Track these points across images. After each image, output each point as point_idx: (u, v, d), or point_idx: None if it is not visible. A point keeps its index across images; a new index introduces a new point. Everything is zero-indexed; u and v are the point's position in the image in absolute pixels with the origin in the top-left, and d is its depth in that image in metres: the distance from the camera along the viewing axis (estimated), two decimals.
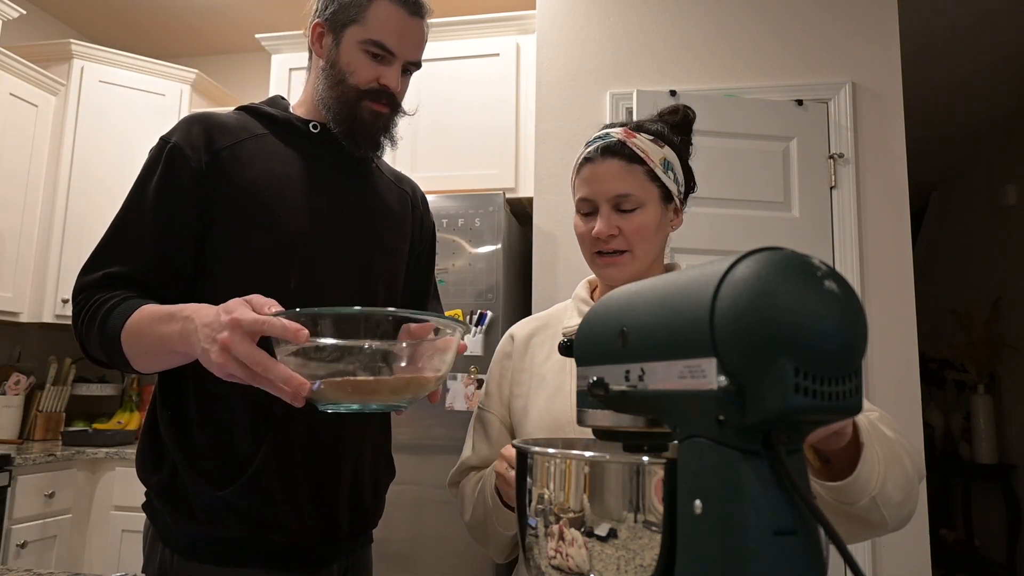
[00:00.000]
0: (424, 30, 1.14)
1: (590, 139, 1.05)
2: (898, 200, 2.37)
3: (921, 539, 2.18)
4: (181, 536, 1.03)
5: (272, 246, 1.05)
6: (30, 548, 2.40)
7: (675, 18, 2.59)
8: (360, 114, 1.11)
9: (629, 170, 0.99)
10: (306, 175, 1.11)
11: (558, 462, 0.53)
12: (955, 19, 3.12)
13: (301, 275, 1.05)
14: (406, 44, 1.11)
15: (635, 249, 1.00)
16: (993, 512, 4.23)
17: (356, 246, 1.13)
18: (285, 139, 1.12)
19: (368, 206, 1.17)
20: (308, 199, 1.09)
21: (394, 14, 1.09)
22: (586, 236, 1.02)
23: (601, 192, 0.99)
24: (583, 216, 1.03)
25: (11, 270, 2.82)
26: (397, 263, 1.20)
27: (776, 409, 0.41)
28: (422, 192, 1.35)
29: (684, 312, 0.46)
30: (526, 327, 1.14)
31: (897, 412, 2.25)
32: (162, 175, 1.04)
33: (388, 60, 1.10)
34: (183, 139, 1.05)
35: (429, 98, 2.77)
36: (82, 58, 3.03)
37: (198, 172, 1.04)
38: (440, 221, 2.45)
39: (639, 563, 0.47)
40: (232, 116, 1.12)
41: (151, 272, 1.01)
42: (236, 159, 1.06)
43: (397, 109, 1.15)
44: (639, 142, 1.00)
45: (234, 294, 0.90)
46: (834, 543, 0.41)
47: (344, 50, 1.10)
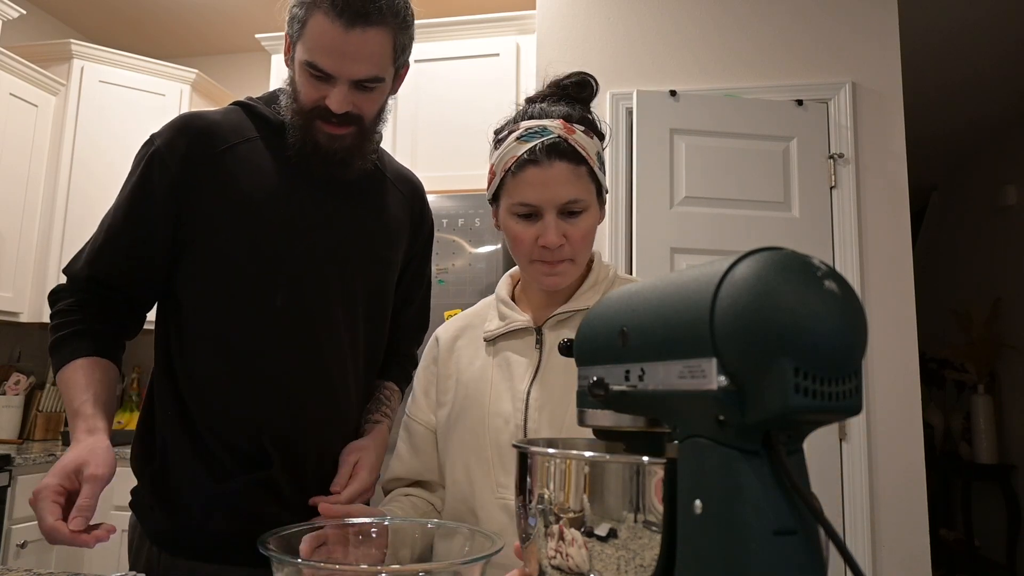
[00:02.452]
0: (375, 39, 0.98)
1: (519, 131, 0.94)
2: (898, 200, 2.37)
3: (921, 539, 2.18)
4: (169, 532, 1.02)
5: (258, 262, 1.03)
6: (30, 548, 2.40)
7: (675, 18, 2.59)
8: (315, 137, 1.03)
9: (577, 173, 0.91)
10: (295, 186, 1.06)
11: (558, 462, 0.53)
12: (955, 19, 3.11)
13: (288, 292, 1.03)
14: (345, 63, 0.98)
15: (578, 257, 0.95)
16: (993, 512, 4.23)
17: (345, 260, 1.09)
18: (277, 144, 1.06)
19: (361, 216, 1.12)
20: (296, 212, 1.05)
21: (328, 30, 0.96)
22: (528, 242, 0.93)
23: (549, 199, 0.90)
24: (521, 219, 0.93)
25: (11, 270, 2.82)
26: (388, 271, 1.16)
27: (776, 409, 0.41)
28: (422, 188, 1.29)
29: (684, 312, 0.46)
30: (451, 329, 1.07)
31: (897, 412, 2.25)
32: (139, 180, 1.04)
33: (330, 80, 0.99)
34: (165, 145, 1.03)
35: (429, 98, 2.77)
36: (82, 58, 3.03)
37: (176, 181, 1.02)
38: (440, 221, 2.45)
39: (639, 563, 0.47)
40: (226, 116, 1.08)
41: (119, 276, 1.05)
42: (222, 167, 1.03)
43: (363, 128, 1.05)
44: (579, 139, 0.92)
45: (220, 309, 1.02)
46: (834, 543, 0.41)
47: (295, 68, 1.03)
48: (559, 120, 0.93)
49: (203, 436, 1.02)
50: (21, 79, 2.83)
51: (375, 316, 1.14)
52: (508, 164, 0.93)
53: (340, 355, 1.07)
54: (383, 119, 1.11)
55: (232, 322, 1.02)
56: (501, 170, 0.95)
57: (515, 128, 0.95)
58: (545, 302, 1.01)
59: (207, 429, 1.02)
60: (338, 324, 1.08)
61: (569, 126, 0.93)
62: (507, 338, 1.00)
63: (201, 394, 1.03)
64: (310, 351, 1.05)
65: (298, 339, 1.04)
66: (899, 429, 2.24)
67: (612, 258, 2.47)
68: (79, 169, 2.97)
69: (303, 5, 0.99)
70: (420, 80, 2.80)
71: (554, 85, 1.00)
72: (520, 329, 1.00)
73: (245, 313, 1.02)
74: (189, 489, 1.01)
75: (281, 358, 1.03)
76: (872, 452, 2.24)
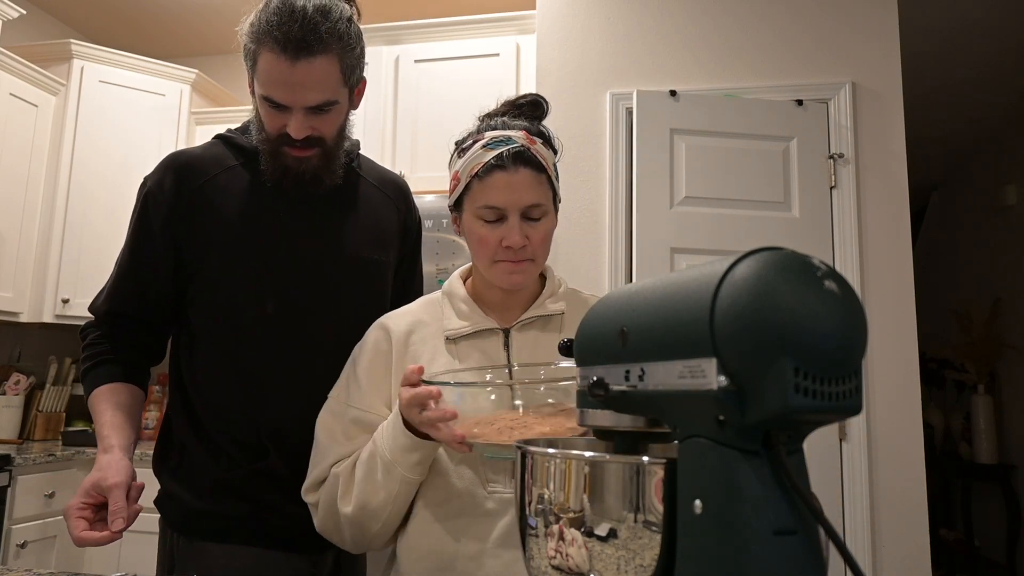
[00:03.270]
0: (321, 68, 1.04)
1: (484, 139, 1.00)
2: (898, 200, 2.37)
3: (921, 539, 2.18)
4: (185, 515, 1.13)
5: (247, 275, 1.13)
6: (30, 548, 2.40)
7: (675, 18, 2.59)
8: (284, 161, 1.11)
9: (539, 179, 0.99)
10: (275, 203, 1.15)
11: (558, 462, 0.53)
12: (955, 19, 3.11)
13: (277, 299, 1.13)
14: (296, 93, 1.04)
15: (538, 258, 1.01)
16: (993, 512, 4.23)
17: (332, 267, 1.17)
18: (254, 169, 1.15)
19: (345, 223, 1.20)
20: (279, 226, 1.15)
21: (275, 65, 1.03)
22: (492, 243, 0.98)
23: (514, 202, 0.97)
24: (487, 223, 0.98)
25: (11, 270, 2.82)
26: (379, 273, 1.23)
27: (776, 409, 0.41)
28: (407, 189, 1.35)
29: (684, 312, 0.46)
30: (400, 323, 1.06)
31: (897, 412, 2.25)
32: (138, 221, 1.16)
33: (287, 109, 1.06)
34: (155, 184, 1.15)
35: (429, 98, 2.77)
36: (82, 58, 3.02)
37: (170, 215, 1.13)
38: (440, 221, 2.45)
39: (639, 563, 0.47)
40: (207, 149, 1.19)
41: (135, 308, 1.17)
42: (207, 196, 1.14)
43: (325, 148, 1.12)
44: (540, 149, 1.00)
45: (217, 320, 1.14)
46: (834, 543, 0.41)
47: (256, 100, 1.11)
48: (522, 131, 1.01)
49: (210, 434, 1.14)
50: (21, 79, 2.83)
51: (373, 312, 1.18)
52: (475, 169, 0.99)
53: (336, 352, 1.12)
54: (347, 135, 1.19)
55: (229, 331, 1.14)
56: (467, 176, 1.00)
57: (479, 138, 1.02)
58: (504, 305, 1.06)
59: (213, 428, 1.13)
60: (331, 325, 1.16)
61: (531, 137, 1.00)
62: (472, 338, 1.03)
63: (205, 398, 1.14)
64: (301, 352, 1.14)
65: (289, 342, 1.14)
66: (899, 429, 2.24)
67: (612, 258, 2.47)
68: (79, 169, 2.97)
69: (252, 40, 1.06)
70: (420, 80, 2.80)
71: (510, 104, 1.07)
72: (486, 330, 1.03)
73: (239, 322, 1.13)
74: (201, 477, 1.13)
75: (273, 360, 1.13)
76: (872, 452, 2.24)
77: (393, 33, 2.85)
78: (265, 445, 1.11)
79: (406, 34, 2.84)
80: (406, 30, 2.84)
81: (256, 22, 1.05)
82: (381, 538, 0.98)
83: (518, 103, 1.07)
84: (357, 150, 1.27)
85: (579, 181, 2.52)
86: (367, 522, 0.95)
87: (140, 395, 1.18)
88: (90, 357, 1.17)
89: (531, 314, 1.04)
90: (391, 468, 0.92)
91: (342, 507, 0.96)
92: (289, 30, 1.01)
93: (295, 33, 1.01)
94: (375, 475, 0.93)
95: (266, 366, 1.13)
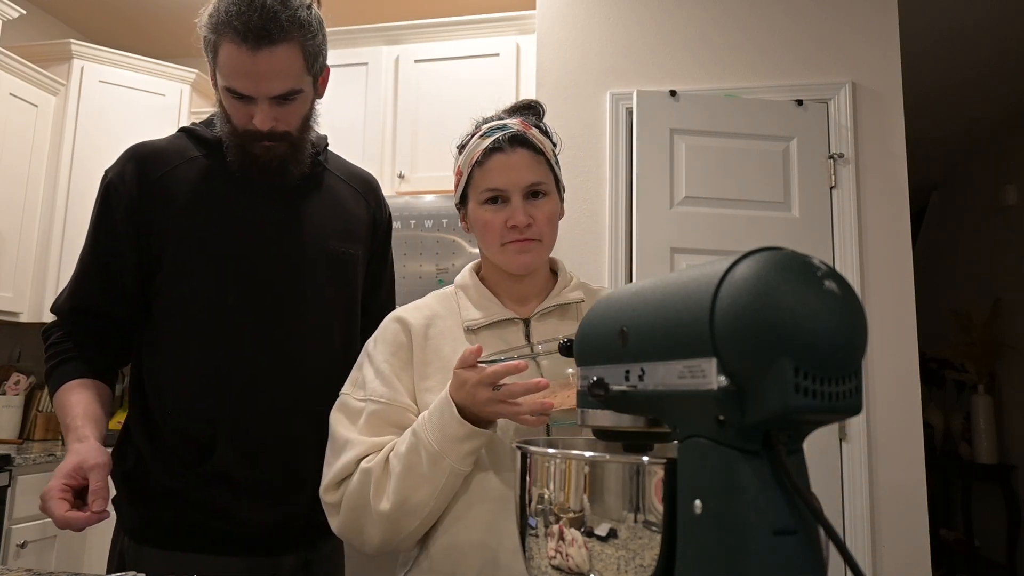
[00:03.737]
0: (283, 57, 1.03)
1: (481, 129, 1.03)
2: (898, 200, 2.37)
3: (921, 539, 2.18)
4: (135, 520, 1.11)
5: (208, 266, 1.10)
6: (30, 548, 2.40)
7: (675, 18, 2.59)
8: (252, 151, 1.10)
9: (537, 159, 1.00)
10: (238, 195, 1.13)
11: (558, 462, 0.53)
12: (955, 19, 3.11)
13: (238, 291, 1.11)
14: (259, 83, 1.03)
15: (544, 237, 1.01)
16: (993, 512, 4.23)
17: (298, 259, 1.15)
18: (218, 160, 1.13)
19: (311, 216, 1.17)
20: (240, 218, 1.13)
21: (236, 56, 1.02)
22: (498, 226, 0.99)
23: (515, 182, 0.98)
24: (491, 206, 0.99)
25: (11, 270, 2.82)
26: (347, 267, 1.21)
27: (776, 409, 0.41)
28: (376, 185, 1.33)
29: (684, 312, 0.46)
30: (418, 316, 1.04)
31: (897, 412, 2.25)
32: (99, 213, 1.14)
33: (251, 100, 1.05)
34: (117, 176, 1.13)
35: (429, 98, 2.77)
36: (82, 58, 3.02)
37: (131, 206, 1.11)
38: (440, 221, 2.45)
39: (639, 563, 0.47)
40: (170, 141, 1.17)
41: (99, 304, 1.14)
42: (169, 187, 1.11)
43: (291, 138, 1.11)
44: (536, 134, 1.01)
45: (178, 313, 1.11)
46: (834, 543, 0.41)
47: (220, 93, 1.09)
48: (517, 119, 1.03)
49: (164, 434, 1.10)
50: (21, 79, 2.83)
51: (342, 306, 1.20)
52: (474, 158, 1.00)
53: (301, 346, 1.13)
54: (312, 124, 1.17)
55: (190, 325, 1.11)
56: (468, 166, 1.02)
57: (476, 132, 1.04)
58: (519, 296, 1.05)
59: (167, 426, 1.10)
60: (296, 318, 1.14)
61: (526, 124, 1.02)
62: (492, 328, 1.02)
63: (163, 395, 1.11)
64: (263, 346, 1.11)
65: (250, 335, 1.11)
66: (899, 429, 2.24)
67: (612, 258, 2.47)
68: (79, 169, 2.97)
69: (212, 31, 1.04)
70: (420, 80, 2.80)
71: (506, 109, 1.09)
72: (505, 320, 1.02)
73: (201, 315, 1.11)
74: (150, 484, 1.10)
75: (233, 353, 1.10)
76: (872, 452, 2.24)
77: (393, 33, 2.85)
78: (216, 443, 1.08)
79: (406, 34, 2.84)
80: (406, 30, 2.84)
81: (215, 12, 1.03)
82: (414, 537, 0.94)
83: (514, 107, 1.09)
84: (325, 144, 1.25)
85: (579, 181, 2.52)
86: (404, 519, 0.90)
87: (108, 393, 1.14)
88: (54, 356, 1.13)
89: (550, 303, 1.04)
90: (439, 460, 0.87)
91: (377, 504, 0.90)
92: (249, 20, 0.99)
93: (255, 22, 0.99)
94: (419, 469, 0.88)
95: (226, 359, 1.10)
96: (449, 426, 0.87)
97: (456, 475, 0.89)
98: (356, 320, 1.24)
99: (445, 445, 0.87)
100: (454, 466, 0.88)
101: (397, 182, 2.72)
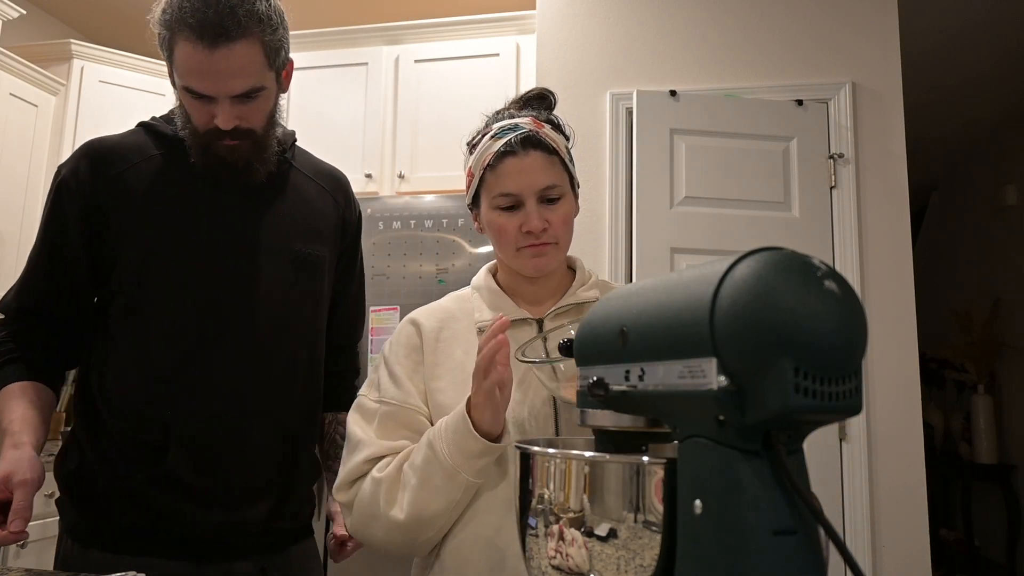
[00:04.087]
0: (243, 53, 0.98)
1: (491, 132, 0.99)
2: (898, 200, 2.37)
3: (921, 539, 2.18)
4: (79, 522, 1.07)
5: (167, 269, 1.06)
6: (30, 548, 2.40)
7: (675, 18, 2.59)
8: (216, 151, 1.05)
9: (551, 161, 0.96)
10: (200, 195, 1.09)
11: (558, 462, 0.53)
12: (955, 19, 3.11)
13: (197, 294, 1.07)
14: (219, 82, 0.98)
15: (561, 240, 0.98)
16: (993, 512, 4.23)
17: (261, 261, 1.10)
18: (178, 159, 1.08)
19: (276, 215, 1.13)
20: (200, 218, 1.08)
21: (192, 55, 0.96)
22: (512, 231, 0.96)
23: (529, 185, 0.95)
24: (504, 211, 0.96)
25: (11, 270, 2.82)
26: (314, 269, 1.16)
27: (776, 409, 0.41)
28: (346, 182, 1.28)
29: (684, 312, 0.46)
30: (430, 318, 1.05)
31: (897, 412, 2.25)
32: (51, 211, 1.09)
33: (211, 100, 1.00)
34: (70, 172, 1.07)
35: (429, 98, 2.77)
36: (82, 58, 3.02)
37: (85, 204, 1.06)
38: (440, 221, 2.45)
39: (639, 563, 0.47)
40: (128, 137, 1.12)
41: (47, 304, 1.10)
42: (126, 185, 1.06)
43: (255, 137, 1.06)
44: (549, 133, 0.98)
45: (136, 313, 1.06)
46: (834, 543, 0.41)
47: (179, 92, 1.04)
48: (529, 118, 0.99)
49: (114, 437, 1.06)
50: (21, 79, 2.83)
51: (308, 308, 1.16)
52: (486, 160, 0.97)
53: (262, 350, 1.09)
54: (278, 120, 1.12)
55: (146, 327, 1.06)
56: (479, 168, 0.98)
57: (487, 131, 1.00)
58: (535, 297, 1.03)
59: (118, 429, 1.05)
60: (258, 323, 1.09)
61: (539, 123, 0.98)
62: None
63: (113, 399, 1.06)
64: (223, 350, 1.07)
65: (210, 338, 1.07)
66: (899, 429, 2.24)
67: (612, 258, 2.47)
68: None
69: (165, 27, 0.98)
70: (420, 80, 2.80)
71: (516, 100, 1.06)
72: (519, 320, 1.00)
73: (158, 317, 1.06)
74: (96, 485, 1.05)
75: (192, 357, 1.06)
76: (872, 452, 2.24)
77: (393, 33, 2.85)
78: (169, 446, 1.03)
79: (406, 34, 2.84)
80: (406, 30, 2.84)
81: (168, 7, 0.97)
82: (430, 544, 0.93)
83: (525, 97, 1.05)
84: (292, 140, 1.21)
85: (579, 181, 2.52)
86: (420, 529, 0.90)
87: (51, 396, 1.10)
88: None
89: (565, 302, 1.01)
90: (454, 475, 0.87)
91: (392, 513, 0.90)
92: (204, 16, 0.94)
93: (211, 18, 0.94)
94: (433, 481, 0.88)
95: (183, 362, 1.05)
96: (464, 442, 0.86)
97: (471, 487, 0.89)
98: (322, 323, 1.19)
99: (460, 460, 0.87)
100: (469, 480, 0.88)
101: (397, 182, 2.72)
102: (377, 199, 2.58)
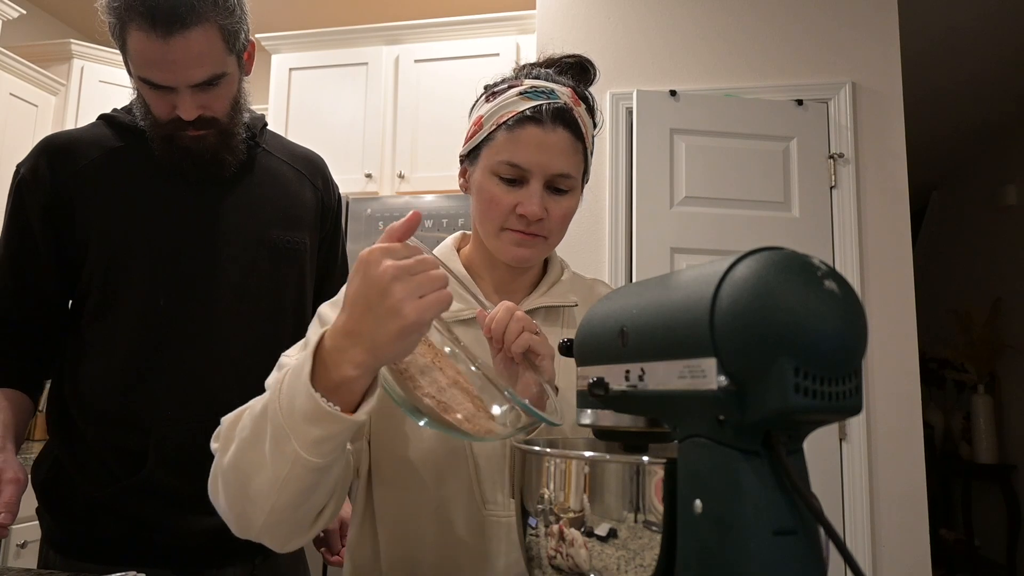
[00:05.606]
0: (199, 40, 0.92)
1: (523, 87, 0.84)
2: (898, 200, 2.37)
3: (921, 539, 2.18)
4: (59, 533, 1.05)
5: (136, 266, 1.02)
6: (30, 548, 2.40)
7: (675, 18, 2.59)
8: (180, 142, 1.01)
9: (575, 148, 0.83)
10: (167, 188, 1.04)
11: (558, 462, 0.53)
12: (955, 20, 3.11)
13: (170, 290, 1.02)
14: (177, 72, 0.93)
15: (553, 236, 0.85)
16: (993, 512, 4.23)
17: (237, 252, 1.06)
18: (142, 151, 1.04)
19: (247, 203, 1.08)
20: (168, 211, 1.03)
21: (146, 44, 0.91)
22: (504, 208, 0.82)
23: (542, 165, 0.81)
24: (504, 182, 0.82)
25: None
26: (293, 257, 1.12)
27: (776, 409, 0.41)
28: (323, 165, 1.22)
29: (684, 312, 0.46)
30: None
31: (897, 412, 2.25)
32: (11, 211, 1.05)
33: (171, 90, 0.96)
34: (29, 171, 1.03)
35: (429, 98, 2.77)
36: (82, 58, 3.02)
37: (47, 202, 1.02)
38: (440, 221, 2.45)
39: (639, 563, 0.47)
40: (87, 131, 1.07)
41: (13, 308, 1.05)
42: (88, 181, 1.02)
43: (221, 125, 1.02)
44: (583, 114, 0.85)
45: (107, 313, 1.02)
46: (834, 543, 0.41)
47: (136, 83, 0.99)
48: (568, 89, 0.85)
49: (90, 444, 1.02)
50: (21, 79, 2.83)
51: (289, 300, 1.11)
52: (505, 118, 0.83)
53: (241, 346, 1.04)
54: (243, 105, 1.07)
55: (118, 328, 1.02)
56: (494, 123, 0.84)
57: (517, 83, 0.86)
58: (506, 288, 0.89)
59: (95, 436, 1.02)
60: (238, 316, 1.05)
61: (576, 99, 0.85)
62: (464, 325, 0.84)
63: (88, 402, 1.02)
64: (201, 347, 1.03)
65: (186, 337, 1.02)
66: (899, 429, 2.24)
67: (612, 258, 2.47)
68: None
69: (115, 16, 0.93)
70: (420, 80, 2.80)
71: (554, 60, 0.92)
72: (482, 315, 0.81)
73: (130, 317, 1.02)
74: (74, 495, 1.02)
75: (168, 357, 1.02)
76: (872, 452, 2.24)
77: (393, 33, 2.85)
78: (148, 453, 1.00)
79: (406, 34, 2.84)
80: (406, 30, 2.84)
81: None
82: (305, 532, 0.68)
83: (564, 60, 0.91)
84: (262, 124, 1.15)
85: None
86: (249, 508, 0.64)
87: (26, 402, 1.06)
88: None
89: (535, 304, 0.88)
90: (283, 441, 0.59)
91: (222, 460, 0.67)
92: (155, 3, 0.89)
93: (161, 5, 0.89)
94: (261, 443, 0.62)
95: (159, 363, 1.01)
96: (297, 395, 0.58)
97: (306, 468, 0.59)
98: (306, 314, 1.13)
99: (291, 421, 0.59)
100: (299, 453, 0.58)
101: (397, 182, 2.72)
102: (377, 199, 2.58)
